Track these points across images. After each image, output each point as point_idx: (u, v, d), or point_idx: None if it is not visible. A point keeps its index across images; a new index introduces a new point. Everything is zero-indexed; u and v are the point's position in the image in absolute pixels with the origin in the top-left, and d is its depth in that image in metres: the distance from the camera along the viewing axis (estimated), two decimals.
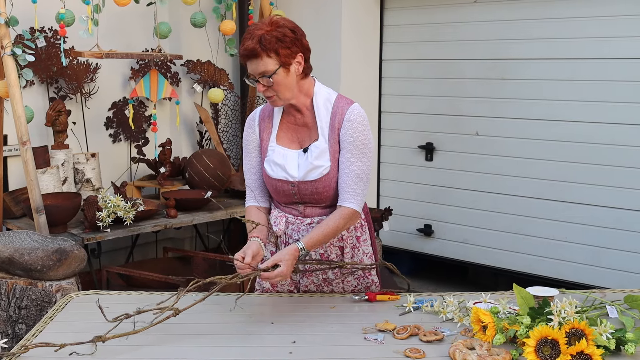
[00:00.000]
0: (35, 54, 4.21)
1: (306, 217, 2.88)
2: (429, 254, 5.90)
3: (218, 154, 5.34)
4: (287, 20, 2.70)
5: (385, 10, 5.88)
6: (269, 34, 2.62)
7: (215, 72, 5.93)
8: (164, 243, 5.79)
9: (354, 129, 2.75)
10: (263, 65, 2.64)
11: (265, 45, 2.61)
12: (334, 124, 2.77)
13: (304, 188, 2.81)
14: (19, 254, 3.72)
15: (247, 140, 2.95)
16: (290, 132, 2.86)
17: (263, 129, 2.90)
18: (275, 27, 2.64)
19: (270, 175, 2.85)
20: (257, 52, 2.62)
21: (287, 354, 2.31)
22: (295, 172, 2.80)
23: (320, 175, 2.78)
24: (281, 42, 2.63)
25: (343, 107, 2.78)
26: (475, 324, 2.38)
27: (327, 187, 2.80)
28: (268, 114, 2.91)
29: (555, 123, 5.05)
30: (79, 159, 5.03)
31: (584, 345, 2.09)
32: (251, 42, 2.62)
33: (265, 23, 2.66)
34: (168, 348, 2.37)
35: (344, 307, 2.79)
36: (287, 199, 2.88)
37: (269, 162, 2.86)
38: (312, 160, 2.78)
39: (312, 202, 2.86)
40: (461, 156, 5.56)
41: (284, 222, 2.91)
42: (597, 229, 4.96)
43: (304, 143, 2.84)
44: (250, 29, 2.65)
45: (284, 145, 2.86)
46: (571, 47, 4.93)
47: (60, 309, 2.75)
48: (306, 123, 2.83)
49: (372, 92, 5.94)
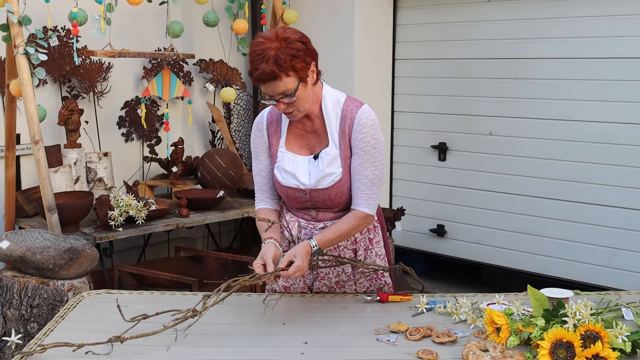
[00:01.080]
0: (48, 53, 4.21)
1: (319, 222, 2.85)
2: (442, 254, 5.87)
3: (230, 154, 5.33)
4: (291, 31, 2.60)
5: (398, 9, 5.86)
6: (282, 52, 2.51)
7: (227, 72, 5.92)
8: (175, 242, 5.79)
9: (365, 134, 2.70)
10: (283, 85, 2.55)
11: (282, 65, 2.51)
12: (344, 129, 2.72)
13: (316, 195, 2.78)
14: (31, 253, 3.72)
15: (255, 144, 2.90)
16: (300, 138, 2.81)
17: (272, 133, 2.84)
18: (285, 42, 2.53)
19: (281, 183, 2.82)
20: (276, 74, 2.51)
21: (298, 355, 2.30)
22: (306, 180, 2.76)
23: (333, 183, 2.74)
24: (296, 58, 2.54)
25: (352, 110, 2.72)
26: (488, 326, 2.36)
27: (340, 194, 2.77)
28: (276, 117, 2.84)
29: (569, 123, 5.02)
30: (92, 158, 5.03)
31: (599, 347, 2.06)
32: (267, 65, 2.50)
33: (271, 39, 2.53)
34: (180, 348, 2.36)
35: (356, 307, 2.77)
36: (299, 204, 2.85)
37: (279, 169, 2.81)
38: (323, 167, 2.73)
39: (324, 208, 2.83)
40: (474, 156, 5.53)
41: (296, 226, 2.88)
42: (612, 230, 4.92)
43: (314, 149, 2.79)
44: (258, 49, 2.53)
45: (294, 151, 2.81)
46: (585, 47, 4.89)
47: (72, 308, 2.75)
48: (315, 130, 2.78)
49: (385, 91, 5.92)
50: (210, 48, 5.78)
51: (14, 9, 4.03)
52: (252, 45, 2.56)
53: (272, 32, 2.58)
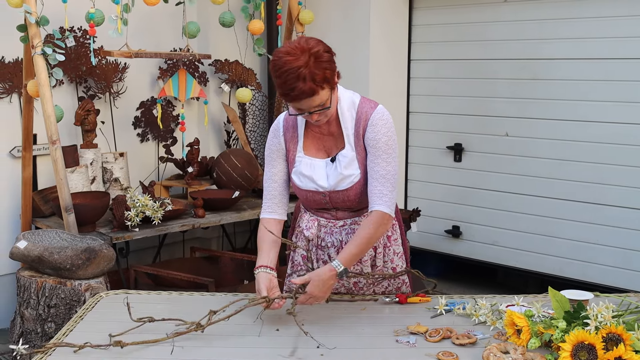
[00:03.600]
0: (65, 53, 4.22)
1: (339, 220, 2.86)
2: (457, 255, 5.85)
3: (245, 154, 5.33)
4: (315, 41, 2.59)
5: (414, 10, 5.84)
6: (316, 68, 2.50)
7: (243, 72, 5.92)
8: (191, 243, 5.80)
9: (376, 132, 2.70)
10: (319, 99, 2.57)
11: (319, 81, 2.51)
12: (358, 131, 2.73)
13: (336, 197, 2.79)
14: (48, 253, 3.73)
15: (271, 149, 2.88)
16: (316, 141, 2.82)
17: (289, 138, 2.84)
18: (315, 57, 2.51)
19: (300, 187, 2.82)
20: (314, 90, 2.52)
21: (318, 356, 2.29)
22: (324, 183, 2.77)
23: (351, 184, 2.75)
24: (327, 70, 2.55)
25: (367, 111, 2.73)
26: (509, 328, 2.35)
27: (359, 193, 2.77)
28: (292, 123, 2.84)
29: (586, 124, 4.99)
30: (108, 158, 5.05)
31: (622, 350, 2.05)
32: (303, 84, 2.49)
33: (297, 54, 2.50)
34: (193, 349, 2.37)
35: (374, 309, 2.77)
36: (318, 205, 2.87)
37: (297, 173, 2.82)
38: (341, 170, 2.74)
39: (344, 208, 2.85)
40: (490, 157, 5.51)
41: (316, 225, 2.89)
42: (629, 232, 4.89)
43: (331, 151, 2.80)
44: (289, 68, 2.49)
45: (311, 155, 2.81)
46: (602, 47, 4.86)
47: (90, 308, 2.76)
48: (332, 132, 2.79)
49: (400, 92, 5.91)
50: (226, 48, 5.78)
51: (32, 10, 4.05)
52: (281, 64, 2.51)
53: (293, 45, 2.54)
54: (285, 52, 2.52)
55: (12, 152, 4.84)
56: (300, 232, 2.95)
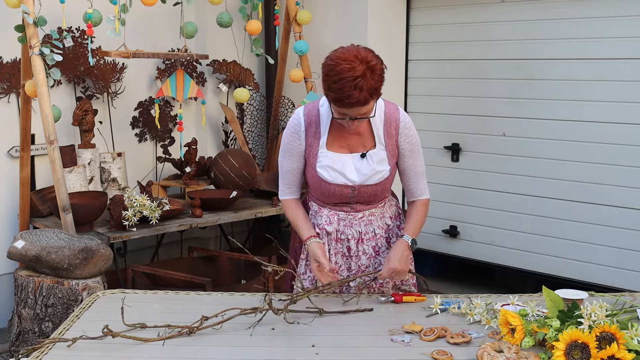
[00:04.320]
0: (62, 53, 4.23)
1: (358, 212, 2.99)
2: (455, 255, 5.86)
3: (243, 154, 5.34)
4: (370, 53, 2.69)
5: (412, 10, 5.85)
6: (372, 80, 2.62)
7: (241, 72, 5.93)
8: (189, 242, 5.80)
9: (412, 136, 2.94)
10: (367, 108, 2.70)
11: (373, 93, 2.65)
12: (389, 131, 2.89)
13: (364, 191, 2.93)
14: (45, 253, 3.74)
15: (291, 145, 2.96)
16: (339, 139, 2.91)
17: (310, 134, 2.92)
18: (371, 70, 2.62)
19: (328, 181, 2.91)
20: (368, 101, 2.65)
21: (313, 355, 2.30)
22: (355, 177, 2.89)
23: (382, 179, 2.92)
24: (379, 82, 2.68)
25: (394, 113, 2.91)
26: (503, 327, 2.36)
27: (384, 189, 2.98)
28: (314, 119, 2.92)
29: (583, 124, 4.99)
30: (106, 158, 5.05)
31: (615, 349, 2.06)
32: (359, 93, 2.60)
33: (353, 61, 2.60)
34: (191, 347, 2.37)
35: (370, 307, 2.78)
36: (341, 200, 2.97)
37: (324, 167, 2.90)
38: (374, 165, 2.89)
39: (365, 202, 2.97)
40: (488, 157, 5.52)
41: (336, 219, 3.00)
42: (626, 231, 4.90)
43: (355, 149, 2.91)
44: (348, 76, 2.59)
45: (335, 150, 2.91)
46: (599, 47, 4.87)
47: (87, 307, 2.77)
48: (359, 131, 2.89)
49: (398, 92, 5.91)
50: (224, 49, 5.79)
51: (30, 10, 4.05)
52: (338, 71, 2.61)
53: (350, 54, 2.65)
54: (342, 59, 2.63)
55: (10, 152, 4.85)
56: (322, 229, 3.01)
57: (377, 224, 3.01)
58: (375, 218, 3.01)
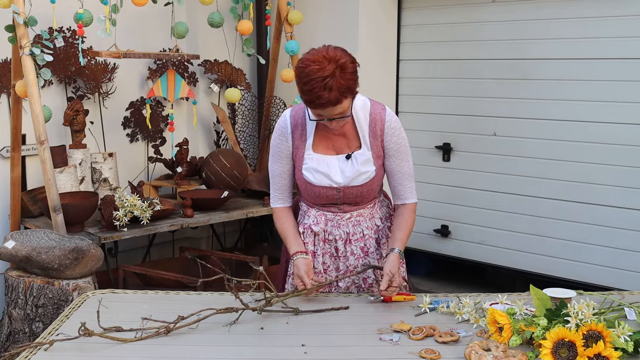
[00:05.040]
0: (53, 53, 4.23)
1: (345, 213, 2.98)
2: (446, 254, 5.86)
3: (235, 154, 5.34)
4: (340, 52, 2.68)
5: (403, 10, 5.86)
6: (342, 79, 2.61)
7: (232, 72, 5.93)
8: (180, 242, 5.80)
9: (397, 136, 2.90)
10: (341, 107, 2.68)
11: (344, 91, 2.63)
12: (374, 131, 2.87)
13: (349, 192, 2.91)
14: (36, 253, 3.74)
15: (279, 148, 2.97)
16: (325, 140, 2.91)
17: (297, 136, 2.92)
18: (341, 68, 2.61)
19: (313, 183, 2.91)
20: (339, 100, 2.63)
21: (302, 354, 2.31)
22: (339, 179, 2.89)
23: (367, 180, 2.90)
24: (352, 80, 2.66)
25: (380, 113, 2.88)
26: (491, 325, 2.37)
27: (370, 190, 2.94)
28: (300, 120, 2.92)
29: (575, 124, 5.01)
30: (97, 158, 5.05)
31: (601, 347, 2.07)
32: (329, 93, 2.59)
33: (323, 62, 2.60)
34: (180, 347, 2.37)
35: (359, 307, 2.78)
36: (327, 201, 2.97)
37: (309, 170, 2.91)
38: (358, 167, 2.87)
39: (352, 203, 2.96)
40: (479, 157, 5.53)
41: (323, 219, 2.99)
42: (617, 231, 4.91)
43: (341, 150, 2.91)
44: (316, 77, 2.58)
45: (321, 152, 2.91)
46: (591, 47, 4.88)
47: (76, 307, 2.77)
48: (344, 132, 2.89)
49: (389, 92, 5.92)
50: (215, 49, 5.79)
51: (20, 10, 4.04)
52: (307, 72, 2.61)
53: (319, 55, 2.64)
54: (312, 61, 2.63)
55: (1, 153, 4.84)
56: (307, 228, 3.02)
57: (365, 225, 3.00)
58: (364, 219, 3.00)
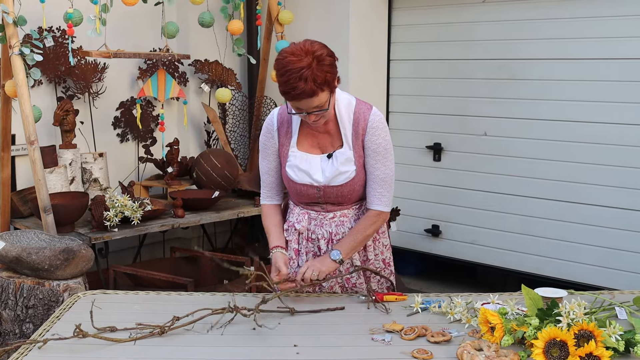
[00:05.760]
0: (43, 53, 4.21)
1: (329, 212, 2.96)
2: (437, 254, 5.88)
3: (225, 154, 5.33)
4: (319, 45, 2.67)
5: (394, 10, 5.87)
6: (318, 70, 2.59)
7: (223, 72, 5.92)
8: (171, 243, 5.79)
9: (377, 136, 2.84)
10: (318, 100, 2.66)
11: (320, 83, 2.61)
12: (357, 131, 2.84)
13: (329, 192, 2.89)
14: (26, 254, 3.72)
15: (265, 145, 2.99)
16: (310, 138, 2.90)
17: (282, 134, 2.93)
18: (317, 60, 2.60)
19: (295, 181, 2.91)
20: (314, 91, 2.61)
21: (294, 355, 2.31)
22: (320, 177, 2.87)
23: (347, 180, 2.86)
24: (329, 73, 2.64)
25: (365, 112, 2.85)
26: (483, 325, 2.37)
27: (352, 190, 2.90)
28: (286, 118, 2.92)
29: (564, 123, 5.03)
30: (87, 158, 5.03)
31: (592, 346, 2.08)
32: (304, 84, 2.58)
33: (301, 55, 2.59)
34: (171, 347, 2.37)
35: (351, 307, 2.78)
36: (310, 199, 2.95)
37: (291, 167, 2.90)
38: (338, 166, 2.84)
39: (335, 203, 2.94)
40: (469, 156, 5.54)
41: (306, 218, 2.98)
42: (607, 230, 4.94)
43: (325, 149, 2.89)
44: (292, 68, 2.58)
45: (305, 150, 2.90)
46: (580, 48, 4.90)
47: (67, 308, 2.76)
48: (328, 130, 2.88)
49: (380, 92, 5.93)
50: (206, 49, 5.78)
51: (9, 10, 4.03)
52: (284, 64, 2.61)
53: (298, 47, 2.63)
54: (290, 53, 2.62)
55: None
56: (291, 226, 3.02)
57: (349, 225, 2.96)
58: (348, 219, 2.96)
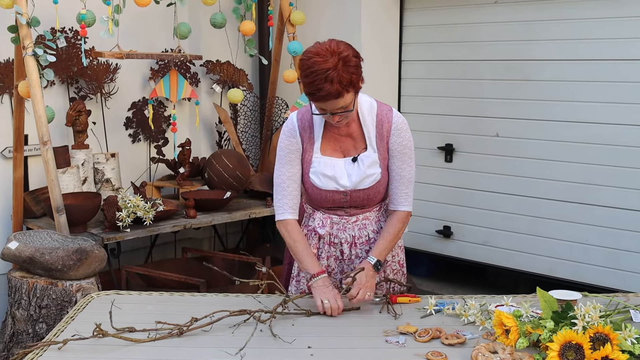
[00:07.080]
0: (56, 54, 4.22)
1: (352, 216, 2.95)
2: (448, 255, 5.86)
3: (237, 155, 5.33)
4: (344, 45, 2.66)
5: (405, 11, 5.86)
6: (344, 72, 2.58)
7: (234, 73, 5.93)
8: (182, 243, 5.80)
9: (403, 137, 2.85)
10: (344, 101, 2.64)
11: (346, 84, 2.59)
12: (381, 133, 2.83)
13: (356, 195, 2.88)
14: (39, 254, 3.73)
15: (289, 149, 2.89)
16: (333, 142, 2.88)
17: (305, 139, 2.88)
18: (344, 61, 2.59)
19: (320, 187, 2.88)
20: (340, 93, 2.59)
21: (308, 356, 2.31)
22: (346, 182, 2.86)
23: (373, 183, 2.86)
24: (354, 74, 2.63)
25: (387, 114, 2.85)
26: (497, 328, 2.36)
27: (377, 193, 2.91)
28: (308, 123, 2.88)
29: (576, 124, 5.01)
30: (99, 158, 5.05)
31: (608, 350, 2.07)
32: (331, 86, 2.56)
33: (326, 56, 2.58)
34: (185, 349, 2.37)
35: (365, 309, 2.78)
36: (334, 204, 2.93)
37: (316, 174, 2.87)
38: (364, 169, 2.84)
39: (359, 206, 2.93)
40: (481, 157, 5.53)
41: (329, 223, 2.97)
42: (619, 232, 4.91)
43: (348, 152, 2.88)
44: (318, 69, 2.56)
45: (328, 155, 2.87)
46: (592, 48, 4.88)
47: (81, 308, 2.77)
48: (350, 133, 2.87)
49: (391, 93, 5.92)
50: (217, 49, 5.78)
51: (23, 11, 4.04)
52: (309, 65, 2.60)
53: (323, 47, 2.62)
54: (315, 53, 2.61)
55: (4, 153, 4.83)
56: (312, 231, 2.99)
57: (371, 228, 2.97)
58: (370, 222, 2.97)
